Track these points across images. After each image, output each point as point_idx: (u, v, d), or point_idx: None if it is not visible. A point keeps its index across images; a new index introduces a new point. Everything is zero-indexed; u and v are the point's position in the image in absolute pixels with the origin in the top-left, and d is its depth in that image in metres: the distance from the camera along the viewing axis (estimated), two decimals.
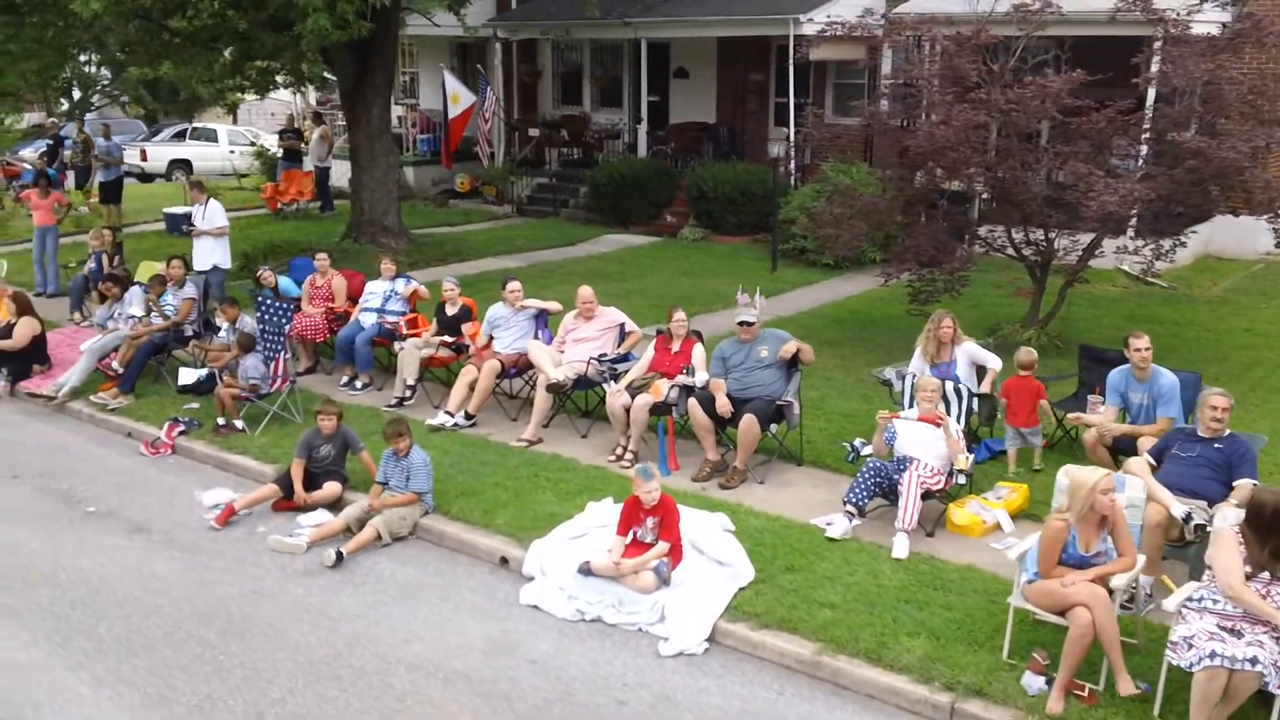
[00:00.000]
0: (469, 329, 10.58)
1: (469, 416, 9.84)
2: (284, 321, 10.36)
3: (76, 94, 29.90)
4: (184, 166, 29.84)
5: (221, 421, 9.86)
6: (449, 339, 10.61)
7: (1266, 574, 5.44)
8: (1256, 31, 11.17)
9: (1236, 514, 5.75)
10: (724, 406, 8.52)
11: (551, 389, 9.48)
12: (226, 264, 13.49)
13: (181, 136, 31.24)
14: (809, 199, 16.20)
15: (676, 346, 9.21)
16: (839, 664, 6.11)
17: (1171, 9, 11.73)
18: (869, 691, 5.97)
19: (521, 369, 10.17)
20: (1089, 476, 5.85)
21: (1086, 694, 5.71)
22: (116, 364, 10.89)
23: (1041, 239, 11.92)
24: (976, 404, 8.46)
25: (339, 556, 7.48)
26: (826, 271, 16.13)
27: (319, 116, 24.51)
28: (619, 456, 8.96)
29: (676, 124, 22.34)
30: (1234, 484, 6.73)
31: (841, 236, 12.14)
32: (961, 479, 7.73)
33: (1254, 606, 5.35)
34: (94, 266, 13.65)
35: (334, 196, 22.43)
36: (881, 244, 14.06)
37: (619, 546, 7.03)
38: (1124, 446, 7.90)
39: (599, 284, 10.55)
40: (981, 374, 8.90)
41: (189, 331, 11.43)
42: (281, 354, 10.22)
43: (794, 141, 17.35)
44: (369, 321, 11.13)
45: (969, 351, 8.93)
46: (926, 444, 7.66)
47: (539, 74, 25.17)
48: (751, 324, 8.80)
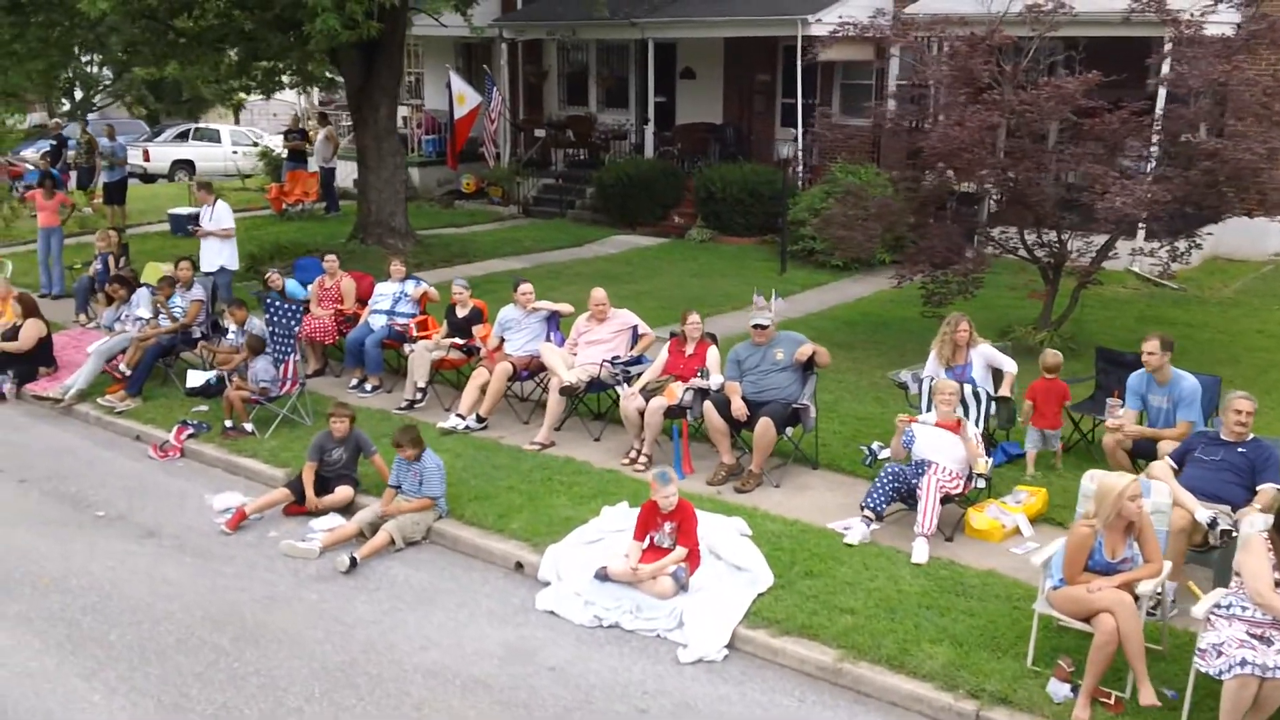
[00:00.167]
0: (480, 331, 10.51)
1: (480, 419, 9.77)
2: (293, 324, 10.29)
3: (78, 94, 29.79)
4: (187, 167, 29.79)
5: (229, 424, 9.80)
6: (460, 341, 10.54)
7: None
8: (1272, 33, 11.11)
9: (1264, 519, 5.68)
10: (740, 410, 8.45)
11: (565, 392, 9.41)
12: (234, 265, 13.42)
13: (184, 137, 31.19)
14: (818, 200, 16.13)
15: (691, 349, 9.14)
16: (861, 671, 6.04)
17: (1185, 10, 11.66)
18: (892, 699, 5.90)
19: (533, 371, 10.10)
20: (1117, 482, 5.78)
21: (1113, 701, 5.65)
22: (124, 366, 10.83)
23: (1054, 240, 11.85)
24: (994, 407, 8.39)
25: (353, 562, 7.41)
26: (836, 273, 16.06)
27: (324, 117, 24.44)
28: (633, 460, 8.89)
29: (683, 125, 22.26)
30: (1257, 489, 6.67)
31: (854, 238, 12.06)
32: (981, 483, 7.66)
33: None
34: (100, 268, 13.59)
35: (339, 197, 22.38)
36: (891, 245, 13.99)
37: (636, 551, 6.96)
38: (1142, 450, 7.83)
39: (607, 285, 10.49)
40: (997, 377, 8.83)
41: (197, 333, 11.37)
42: (291, 356, 10.16)
43: (803, 143, 17.28)
44: (379, 323, 11.07)
45: (984, 354, 8.87)
46: (945, 448, 7.59)
47: (544, 74, 25.10)
48: (766, 327, 8.74)
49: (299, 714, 5.82)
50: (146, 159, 29.24)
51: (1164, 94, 12.85)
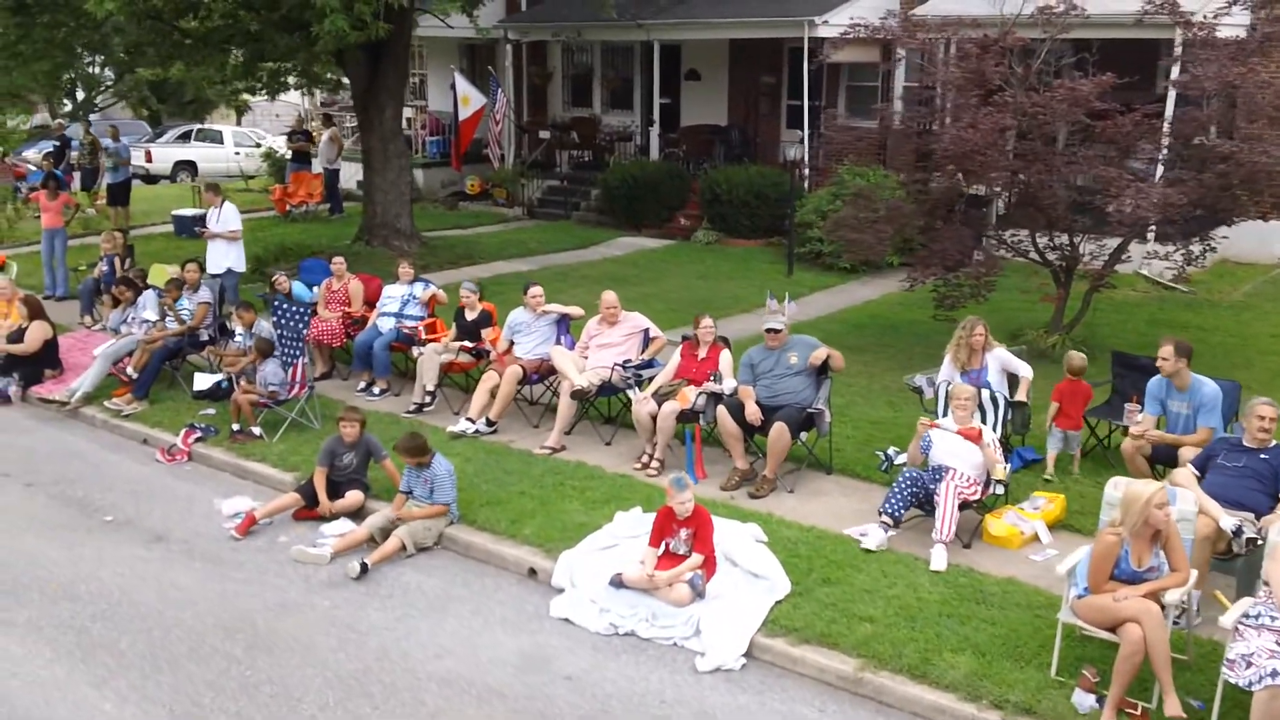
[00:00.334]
0: (489, 334, 10.43)
1: (490, 423, 9.69)
2: (301, 326, 10.21)
3: (80, 95, 29.73)
4: (189, 168, 29.72)
5: (237, 427, 9.71)
6: (469, 344, 10.46)
7: None
8: None
9: None
10: (754, 414, 8.36)
11: (576, 395, 9.33)
12: (241, 267, 13.36)
13: (187, 138, 31.12)
14: (825, 202, 16.06)
15: (703, 353, 9.07)
16: (882, 680, 5.96)
17: (1198, 12, 11.59)
18: (914, 709, 5.82)
19: (543, 375, 10.03)
20: (1143, 490, 5.70)
21: (1139, 712, 5.57)
22: (131, 369, 10.75)
23: (1066, 243, 11.78)
24: (1010, 412, 8.31)
25: (364, 568, 7.33)
26: (843, 275, 15.99)
27: (329, 118, 24.38)
28: (645, 464, 8.81)
29: (688, 126, 22.19)
30: None
31: (866, 240, 11.98)
32: (999, 489, 7.58)
33: None
34: (106, 270, 13.51)
35: (343, 199, 22.31)
36: (899, 248, 13.91)
37: (652, 558, 6.87)
38: (1162, 455, 7.76)
39: (615, 288, 10.39)
40: (1012, 381, 8.76)
41: (204, 336, 11.28)
42: (300, 359, 10.08)
43: (810, 145, 17.21)
44: (387, 326, 10.99)
45: (999, 358, 8.78)
46: (963, 453, 7.51)
47: (549, 76, 25.03)
48: (779, 331, 8.66)
49: None
50: (149, 160, 29.17)
51: (1174, 96, 12.76)
